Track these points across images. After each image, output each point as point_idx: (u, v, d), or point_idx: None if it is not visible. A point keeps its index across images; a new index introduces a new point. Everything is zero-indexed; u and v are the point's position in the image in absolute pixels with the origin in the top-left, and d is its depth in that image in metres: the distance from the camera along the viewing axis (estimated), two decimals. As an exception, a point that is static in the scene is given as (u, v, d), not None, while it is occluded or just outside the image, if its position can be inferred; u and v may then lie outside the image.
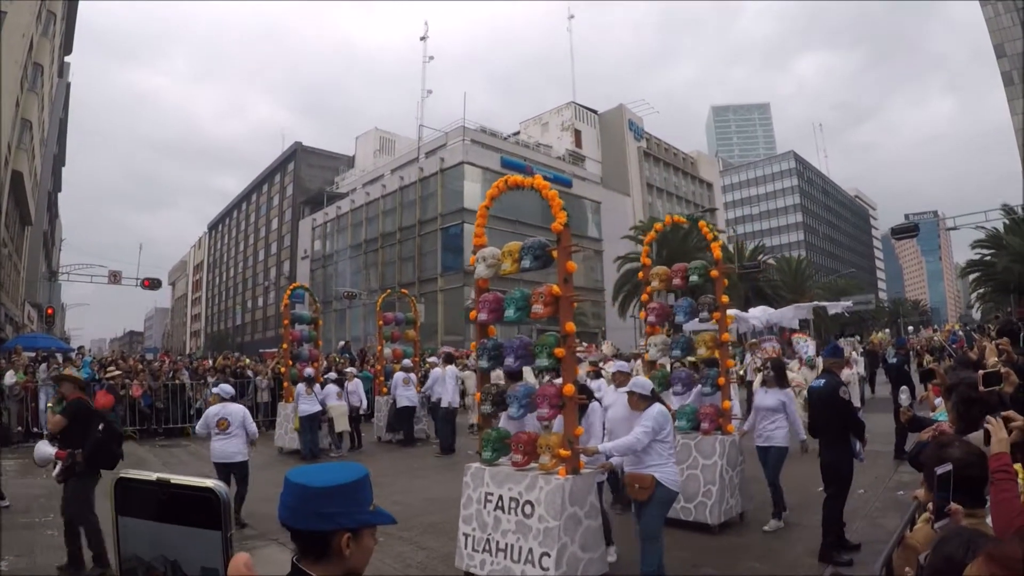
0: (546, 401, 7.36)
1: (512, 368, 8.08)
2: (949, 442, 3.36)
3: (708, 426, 9.78)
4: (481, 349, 8.16)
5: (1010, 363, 5.01)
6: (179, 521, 1.30)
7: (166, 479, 1.30)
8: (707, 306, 10.43)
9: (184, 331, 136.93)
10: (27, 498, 11.72)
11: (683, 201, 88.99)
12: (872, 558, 7.02)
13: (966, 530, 2.78)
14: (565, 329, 7.42)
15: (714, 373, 10.22)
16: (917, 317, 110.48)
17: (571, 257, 7.54)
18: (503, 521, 7.33)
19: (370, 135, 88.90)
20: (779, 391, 9.65)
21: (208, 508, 1.30)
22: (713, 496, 9.27)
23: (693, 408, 10.04)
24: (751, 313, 22.05)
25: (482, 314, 8.13)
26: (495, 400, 7.89)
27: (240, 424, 10.79)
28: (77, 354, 25.29)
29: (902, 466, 12.33)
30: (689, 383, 10.25)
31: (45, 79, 38.91)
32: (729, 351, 10.79)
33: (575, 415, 7.40)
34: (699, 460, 9.60)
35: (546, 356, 7.47)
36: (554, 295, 7.45)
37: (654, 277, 10.94)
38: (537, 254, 7.67)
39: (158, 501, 1.31)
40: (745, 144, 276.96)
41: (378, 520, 2.11)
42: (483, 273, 8.17)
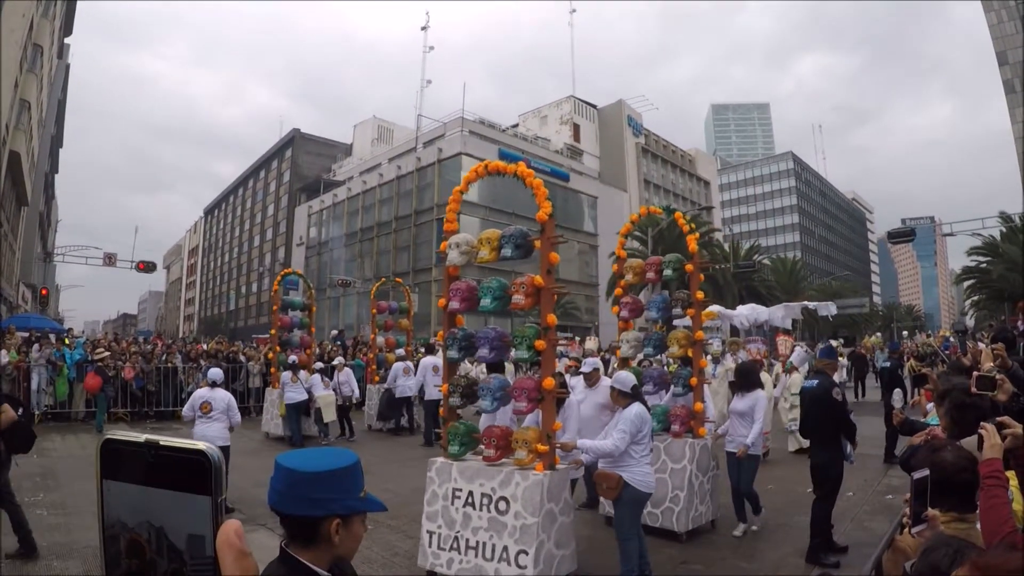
0: (524, 394, 7.16)
1: (488, 359, 7.82)
2: (942, 446, 3.36)
3: (679, 428, 9.34)
4: (451, 339, 7.83)
5: (1004, 369, 5.01)
6: (167, 485, 1.26)
7: (155, 440, 1.26)
8: (681, 302, 9.93)
9: (178, 315, 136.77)
10: (18, 477, 11.69)
11: (680, 198, 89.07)
12: (860, 560, 7.04)
13: (953, 539, 2.78)
14: (547, 321, 7.21)
15: (687, 373, 9.72)
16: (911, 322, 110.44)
17: (554, 248, 7.40)
18: (474, 518, 7.09)
19: (368, 124, 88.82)
20: (749, 394, 9.29)
21: (198, 471, 1.26)
22: (681, 502, 8.84)
23: (664, 409, 9.59)
24: (739, 311, 21.77)
25: (454, 302, 7.85)
26: (464, 392, 7.70)
27: (223, 410, 10.82)
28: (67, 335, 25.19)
29: (892, 469, 12.36)
30: (661, 383, 9.84)
31: (44, 60, 38.80)
32: (704, 350, 10.43)
33: (553, 409, 7.28)
34: (668, 464, 9.14)
35: (525, 348, 7.23)
36: (536, 286, 7.27)
37: (628, 270, 10.56)
38: (519, 243, 7.50)
39: (146, 464, 1.27)
40: (744, 143, 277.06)
41: (368, 507, 2.10)
42: (456, 260, 7.89)
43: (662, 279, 10.26)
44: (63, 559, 7.91)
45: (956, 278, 79.05)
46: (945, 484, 3.07)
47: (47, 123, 44.74)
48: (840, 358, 19.04)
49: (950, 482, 3.07)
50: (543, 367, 7.29)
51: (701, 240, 60.11)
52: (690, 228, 10.36)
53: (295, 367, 16.97)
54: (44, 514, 9.66)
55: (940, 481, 3.08)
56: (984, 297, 64.64)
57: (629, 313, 10.36)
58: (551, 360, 7.35)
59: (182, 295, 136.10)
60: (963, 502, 3.09)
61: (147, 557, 1.23)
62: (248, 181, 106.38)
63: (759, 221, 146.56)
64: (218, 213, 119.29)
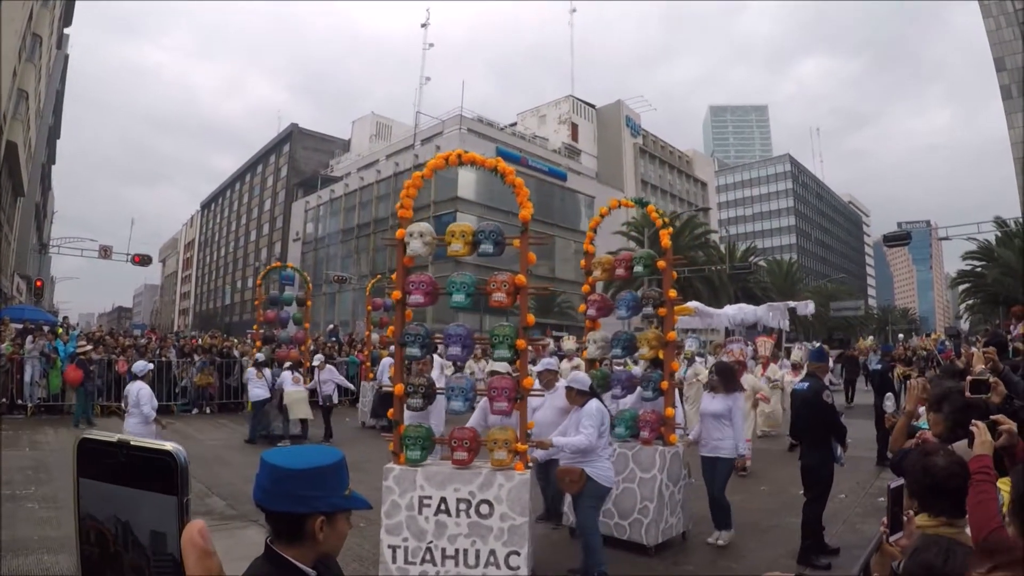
0: (504, 394, 6.94)
1: (461, 358, 7.53)
2: (933, 451, 3.35)
3: (648, 435, 8.70)
4: (411, 336, 7.35)
5: (996, 372, 5.02)
6: (135, 484, 1.28)
7: (126, 440, 1.28)
8: (652, 300, 9.23)
9: (173, 309, 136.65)
10: (9, 470, 11.68)
11: (677, 199, 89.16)
12: (851, 562, 7.04)
13: (943, 538, 2.78)
14: (526, 321, 7.14)
15: (657, 376, 9.02)
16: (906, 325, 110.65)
17: (530, 251, 7.27)
18: (450, 526, 6.72)
19: (367, 120, 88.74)
20: (727, 396, 8.91)
21: (165, 471, 1.28)
22: (650, 514, 8.27)
23: (633, 414, 8.98)
24: (725, 310, 21.53)
25: (416, 296, 7.46)
26: (426, 394, 7.31)
27: (135, 403, 10.53)
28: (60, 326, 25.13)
29: (884, 472, 12.37)
30: (630, 386, 9.35)
31: (43, 50, 38.76)
32: (676, 351, 10.04)
33: (526, 409, 7.22)
34: (636, 472, 8.54)
35: (506, 347, 7.05)
36: (518, 285, 7.11)
37: (596, 266, 9.89)
38: (498, 240, 7.33)
39: (117, 463, 1.29)
40: (741, 145, 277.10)
41: (353, 505, 2.11)
42: (419, 250, 7.52)
43: (632, 275, 9.70)
44: (54, 553, 7.86)
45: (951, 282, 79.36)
46: (936, 489, 3.07)
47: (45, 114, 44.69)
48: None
49: (941, 487, 3.07)
50: (521, 367, 7.25)
51: (698, 241, 60.33)
52: (663, 223, 9.64)
53: (260, 364, 16.89)
54: (36, 508, 9.63)
55: (931, 486, 3.08)
56: (979, 301, 64.79)
57: (597, 312, 9.83)
58: (528, 360, 7.32)
59: (178, 289, 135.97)
60: (953, 507, 3.08)
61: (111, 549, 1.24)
62: (245, 175, 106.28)
63: (756, 223, 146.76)
64: (215, 207, 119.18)
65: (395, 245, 7.60)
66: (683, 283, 51.40)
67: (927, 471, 3.11)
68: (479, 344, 8.34)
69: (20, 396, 19.24)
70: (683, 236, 57.34)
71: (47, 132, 47.30)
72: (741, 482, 12.47)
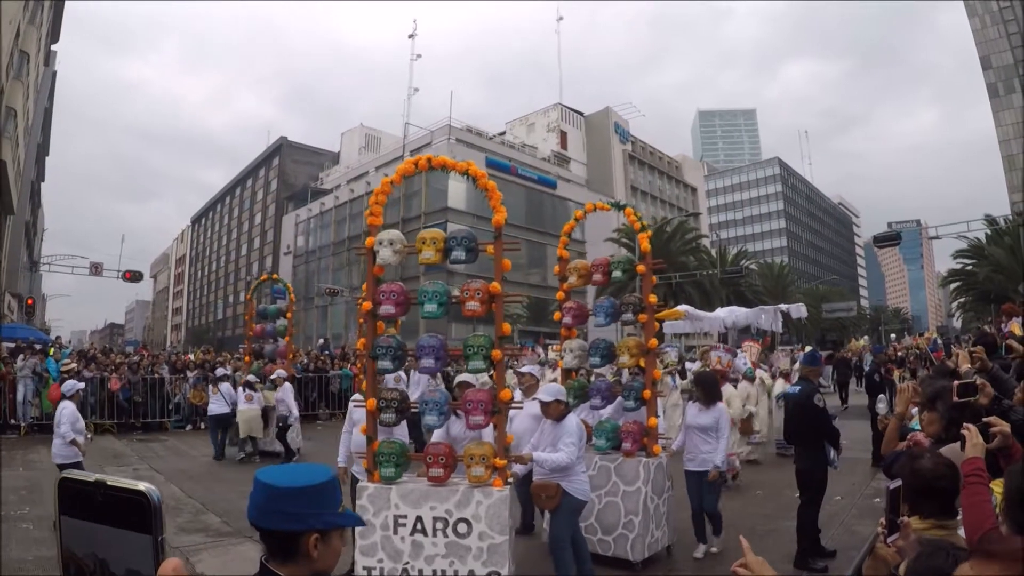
0: (480, 407, 6.60)
1: (434, 369, 7.28)
2: (921, 454, 3.37)
3: (631, 446, 8.22)
4: (382, 348, 7.00)
5: (984, 371, 5.04)
6: (112, 522, 1.30)
7: (103, 480, 1.30)
8: (632, 306, 8.82)
9: (165, 324, 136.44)
10: (4, 491, 11.64)
11: (667, 205, 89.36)
12: (847, 565, 7.05)
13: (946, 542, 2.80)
14: (501, 331, 6.74)
15: (639, 385, 8.58)
16: (898, 325, 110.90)
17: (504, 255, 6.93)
18: (427, 546, 6.40)
19: (356, 132, 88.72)
20: (712, 408, 8.60)
21: (140, 511, 1.30)
22: (636, 528, 7.92)
23: (614, 425, 8.53)
24: (716, 313, 21.33)
25: (387, 306, 7.02)
26: (398, 408, 6.91)
27: (56, 423, 10.04)
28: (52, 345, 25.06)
29: (879, 473, 12.38)
30: (609, 396, 8.80)
31: (31, 67, 38.68)
32: (657, 359, 9.54)
33: (505, 423, 6.90)
34: (619, 486, 8.17)
35: (481, 359, 6.72)
36: (492, 293, 6.73)
37: (572, 272, 9.36)
38: (470, 247, 7.03)
39: (95, 502, 1.31)
40: (730, 149, 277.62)
41: (346, 522, 2.13)
42: (389, 259, 7.07)
43: (611, 280, 9.33)
44: (50, 572, 7.84)
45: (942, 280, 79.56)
46: (924, 491, 3.09)
47: (33, 131, 44.56)
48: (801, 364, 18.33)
49: (929, 489, 3.09)
50: (497, 378, 6.97)
51: (689, 246, 60.36)
52: (642, 226, 9.24)
53: (217, 380, 16.84)
54: (30, 528, 9.60)
55: (920, 488, 3.10)
56: (971, 299, 65.13)
57: (573, 319, 9.26)
58: (504, 372, 7.03)
59: (169, 304, 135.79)
60: (943, 509, 3.10)
61: None
62: (235, 189, 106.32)
63: (746, 226, 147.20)
64: (205, 222, 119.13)
65: (366, 254, 7.20)
66: (675, 288, 51.53)
67: (915, 474, 3.13)
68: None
69: (13, 415, 19.21)
70: (674, 241, 57.41)
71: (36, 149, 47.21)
72: (737, 487, 12.49)
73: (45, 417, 19.27)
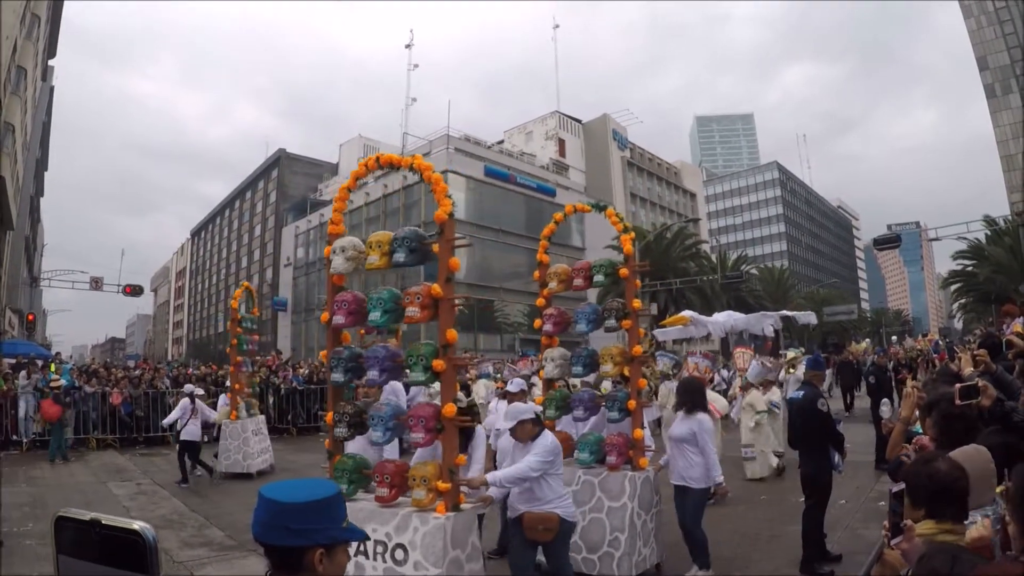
0: (421, 424, 6.08)
1: (378, 382, 6.77)
2: (933, 457, 3.36)
3: (616, 460, 7.84)
4: (335, 359, 6.73)
5: (988, 373, 5.02)
6: (109, 562, 1.29)
7: (98, 519, 1.29)
8: (615, 312, 8.37)
9: (166, 338, 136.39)
10: (7, 507, 11.62)
11: (666, 211, 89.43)
12: (853, 569, 7.05)
13: (950, 545, 2.79)
14: (446, 337, 6.18)
15: (623, 395, 8.13)
16: (899, 327, 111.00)
17: (453, 252, 6.44)
18: (367, 568, 6.02)
19: (354, 142, 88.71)
20: (690, 418, 7.95)
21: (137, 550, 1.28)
22: (622, 546, 7.51)
23: (598, 437, 8.18)
24: (715, 318, 21.20)
25: (338, 316, 6.74)
26: (351, 422, 6.51)
27: None
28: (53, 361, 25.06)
29: (884, 476, 12.36)
30: (593, 406, 8.38)
31: (28, 82, 38.77)
32: (644, 367, 8.90)
33: (455, 441, 6.24)
34: (604, 501, 7.76)
35: (421, 369, 6.15)
36: (434, 296, 6.25)
37: (552, 277, 8.91)
38: (413, 247, 6.53)
39: (91, 541, 1.29)
40: (729, 154, 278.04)
41: (351, 536, 2.13)
42: (340, 267, 6.90)
43: (592, 285, 8.75)
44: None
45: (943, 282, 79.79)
46: (944, 494, 3.07)
47: (32, 146, 44.69)
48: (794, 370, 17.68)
49: (949, 492, 3.08)
50: (443, 391, 6.24)
51: (688, 252, 60.39)
52: (624, 227, 8.73)
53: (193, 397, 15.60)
54: (33, 544, 9.57)
55: (938, 491, 3.08)
56: (971, 300, 65.28)
57: (554, 327, 8.82)
58: (452, 383, 6.27)
59: (170, 318, 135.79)
60: (959, 511, 3.09)
61: None
62: (235, 202, 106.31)
63: (746, 231, 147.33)
64: (205, 234, 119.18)
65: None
66: (675, 294, 51.53)
67: (932, 477, 3.11)
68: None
69: (15, 432, 19.19)
70: (674, 247, 57.49)
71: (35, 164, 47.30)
72: (742, 492, 12.46)
73: (47, 433, 19.25)
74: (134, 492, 13.98)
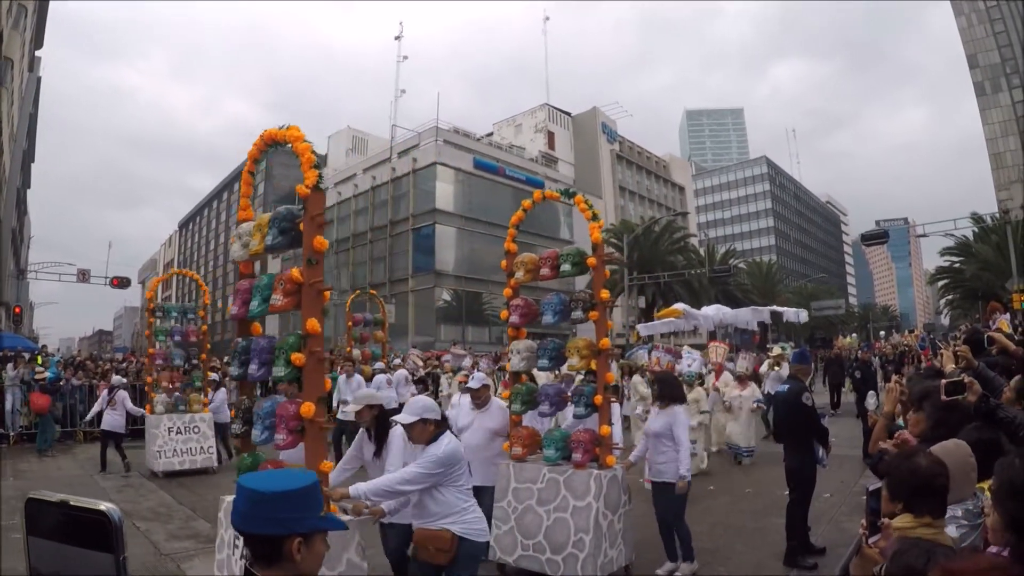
0: (284, 424, 5.34)
1: (257, 377, 5.77)
2: (914, 452, 3.38)
3: (582, 457, 7.49)
4: (232, 352, 6.23)
5: (970, 369, 5.04)
6: (77, 542, 1.30)
7: (66, 500, 1.31)
8: (582, 303, 8.02)
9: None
10: (-8, 499, 11.58)
11: (655, 204, 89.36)
12: (837, 562, 7.07)
13: (924, 541, 2.81)
14: (307, 327, 5.33)
15: (590, 390, 7.77)
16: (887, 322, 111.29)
17: (321, 231, 5.53)
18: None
19: (343, 134, 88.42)
20: (666, 412, 7.85)
21: (102, 531, 1.29)
22: (586, 547, 7.13)
23: (564, 433, 7.82)
24: (703, 311, 21.21)
25: (234, 308, 6.07)
26: (246, 417, 5.81)
27: None
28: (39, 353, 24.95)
29: (868, 471, 12.42)
30: (559, 401, 8.06)
31: (15, 74, 38.56)
32: (610, 361, 8.54)
33: (323, 444, 5.49)
34: (569, 500, 7.39)
35: (283, 363, 5.40)
36: (295, 282, 5.43)
37: (519, 266, 8.53)
38: (284, 227, 5.70)
39: (59, 521, 1.31)
40: (718, 148, 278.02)
41: (329, 526, 2.15)
42: (237, 254, 6.22)
43: (559, 275, 8.37)
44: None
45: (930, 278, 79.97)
46: (924, 489, 3.09)
47: (19, 137, 44.42)
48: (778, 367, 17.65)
49: (929, 487, 3.10)
50: (305, 390, 5.39)
51: (677, 245, 60.43)
52: (593, 215, 8.24)
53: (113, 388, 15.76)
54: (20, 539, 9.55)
55: (918, 487, 3.10)
56: (958, 296, 65.61)
57: (520, 318, 8.49)
58: (316, 379, 5.40)
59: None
60: (939, 506, 3.11)
61: None
62: (223, 194, 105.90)
63: (734, 225, 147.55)
64: (193, 227, 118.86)
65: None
66: (663, 287, 51.57)
67: (914, 472, 3.13)
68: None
69: (2, 425, 19.12)
70: (662, 241, 57.53)
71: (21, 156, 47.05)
72: (726, 484, 12.53)
73: (34, 426, 19.19)
74: (121, 485, 13.96)
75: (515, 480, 7.78)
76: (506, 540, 7.66)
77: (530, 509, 7.58)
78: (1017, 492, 2.48)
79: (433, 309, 56.23)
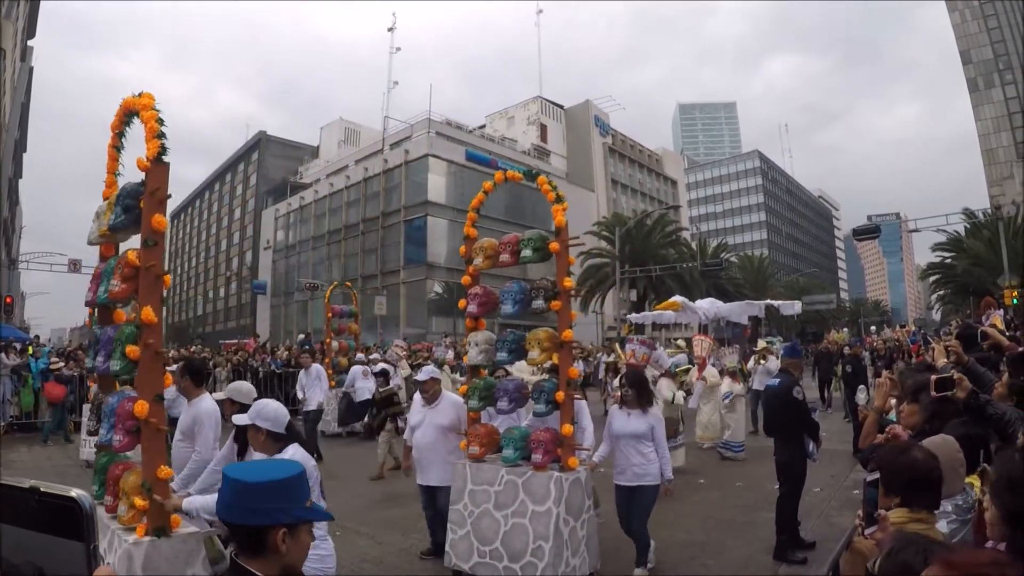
0: (121, 424, 4.80)
1: (101, 369, 5.22)
2: (910, 446, 3.38)
3: (542, 458, 6.95)
4: (90, 343, 5.79)
5: (960, 364, 5.04)
6: (48, 530, 1.28)
7: (36, 486, 1.29)
8: (544, 291, 7.53)
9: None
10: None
11: (647, 197, 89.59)
12: (827, 556, 7.07)
13: (920, 537, 2.81)
14: (143, 317, 4.72)
15: (551, 386, 7.31)
16: (878, 317, 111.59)
17: (162, 208, 4.95)
18: None
19: (335, 125, 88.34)
20: (646, 413, 7.41)
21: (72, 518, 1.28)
22: (546, 556, 6.66)
23: (524, 432, 7.31)
24: (698, 304, 21.21)
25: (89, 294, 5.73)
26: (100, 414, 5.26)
27: None
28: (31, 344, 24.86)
29: (858, 465, 12.43)
30: (519, 397, 7.69)
31: (7, 63, 38.41)
32: (574, 354, 8.12)
33: (162, 446, 4.88)
34: (528, 505, 6.90)
35: (119, 357, 4.83)
36: (133, 266, 4.87)
37: (477, 252, 8.13)
38: (127, 204, 5.09)
39: (30, 508, 1.29)
40: (711, 142, 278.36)
41: (314, 516, 2.15)
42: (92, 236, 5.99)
43: (520, 261, 7.89)
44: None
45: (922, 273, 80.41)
46: (921, 483, 3.10)
47: (11, 127, 44.28)
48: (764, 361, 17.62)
49: (926, 481, 3.10)
50: (139, 387, 4.82)
51: (669, 239, 60.45)
52: (556, 197, 7.68)
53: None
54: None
55: (915, 480, 3.10)
56: (949, 291, 65.73)
57: (479, 308, 8.06)
58: (153, 377, 4.79)
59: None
60: (934, 499, 3.12)
61: None
62: (214, 184, 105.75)
63: (726, 219, 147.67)
64: (184, 217, 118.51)
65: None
66: (656, 281, 51.61)
67: (912, 466, 3.13)
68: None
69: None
70: (654, 234, 57.52)
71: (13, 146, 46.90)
72: (717, 478, 12.55)
73: (24, 416, 19.12)
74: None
75: (472, 482, 7.33)
76: (462, 545, 7.25)
77: (487, 513, 7.13)
78: (1015, 486, 2.48)
79: (424, 301, 56.34)
